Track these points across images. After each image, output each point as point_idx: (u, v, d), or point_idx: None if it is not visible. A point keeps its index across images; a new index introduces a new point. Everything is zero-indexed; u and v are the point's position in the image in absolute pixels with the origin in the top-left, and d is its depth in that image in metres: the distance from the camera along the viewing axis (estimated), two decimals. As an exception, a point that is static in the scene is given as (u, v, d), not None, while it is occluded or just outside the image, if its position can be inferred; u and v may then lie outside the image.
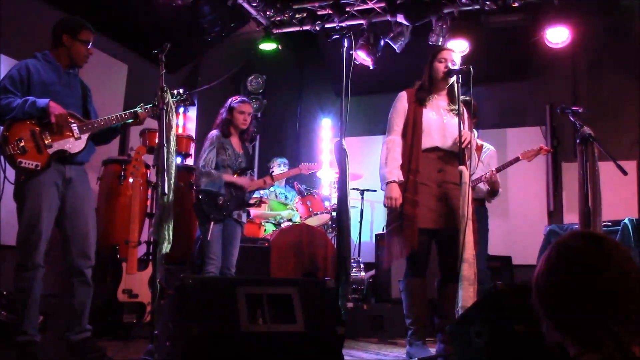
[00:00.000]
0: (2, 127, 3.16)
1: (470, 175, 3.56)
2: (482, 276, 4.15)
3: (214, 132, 4.57)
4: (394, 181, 3.53)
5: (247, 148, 4.76)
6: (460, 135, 3.47)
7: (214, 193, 4.39)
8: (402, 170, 3.57)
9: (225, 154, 4.50)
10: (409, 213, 3.49)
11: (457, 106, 3.59)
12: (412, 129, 3.60)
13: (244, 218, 4.64)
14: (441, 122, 3.61)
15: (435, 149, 3.59)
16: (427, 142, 3.58)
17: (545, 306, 1.27)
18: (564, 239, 1.29)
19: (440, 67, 3.64)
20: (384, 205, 3.60)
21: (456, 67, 3.60)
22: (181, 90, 3.60)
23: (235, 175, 4.52)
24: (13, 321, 3.26)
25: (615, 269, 1.20)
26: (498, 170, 4.75)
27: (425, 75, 3.72)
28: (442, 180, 3.57)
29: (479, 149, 4.88)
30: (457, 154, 3.54)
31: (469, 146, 3.53)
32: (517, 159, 4.83)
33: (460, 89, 3.60)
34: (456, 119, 3.53)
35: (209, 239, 4.32)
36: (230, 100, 4.63)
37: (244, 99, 4.71)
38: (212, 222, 4.35)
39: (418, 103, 3.65)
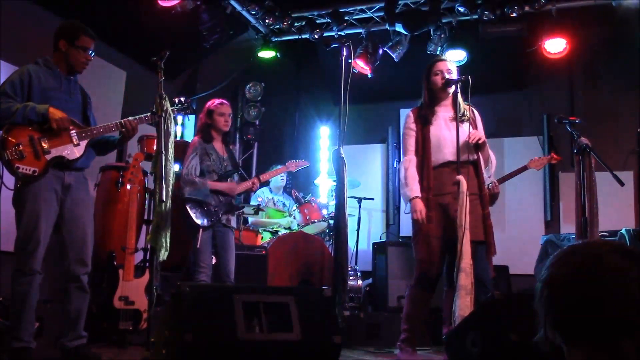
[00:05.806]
0: (1, 132, 3.16)
1: (481, 183, 3.59)
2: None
3: (195, 139, 4.51)
4: (417, 197, 3.54)
5: (232, 151, 4.68)
6: (457, 145, 3.47)
7: (201, 200, 4.34)
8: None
9: (209, 159, 4.43)
10: (424, 229, 3.51)
11: (461, 114, 3.59)
12: (422, 148, 3.63)
13: (233, 222, 4.57)
14: (450, 135, 3.57)
15: (449, 163, 3.55)
16: (439, 157, 3.58)
17: (556, 310, 1.24)
18: (588, 246, 1.26)
19: (437, 80, 3.65)
20: (412, 219, 3.57)
21: (454, 77, 3.61)
22: (182, 99, 3.60)
23: (221, 180, 4.47)
24: (8, 327, 3.24)
25: None
26: (504, 179, 4.74)
27: (424, 90, 3.73)
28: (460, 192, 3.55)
29: None
30: (472, 162, 3.58)
31: (483, 148, 3.56)
32: (524, 168, 4.81)
33: (460, 97, 3.61)
34: (464, 127, 3.55)
35: (198, 246, 4.25)
36: (208, 104, 4.54)
37: (223, 101, 4.59)
38: (201, 230, 4.31)
39: (423, 122, 3.66)
